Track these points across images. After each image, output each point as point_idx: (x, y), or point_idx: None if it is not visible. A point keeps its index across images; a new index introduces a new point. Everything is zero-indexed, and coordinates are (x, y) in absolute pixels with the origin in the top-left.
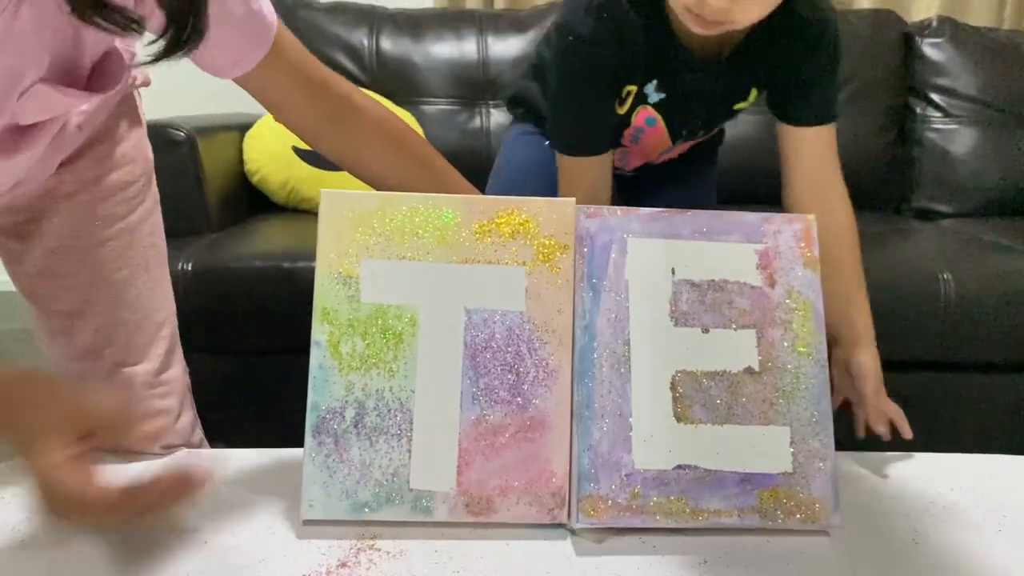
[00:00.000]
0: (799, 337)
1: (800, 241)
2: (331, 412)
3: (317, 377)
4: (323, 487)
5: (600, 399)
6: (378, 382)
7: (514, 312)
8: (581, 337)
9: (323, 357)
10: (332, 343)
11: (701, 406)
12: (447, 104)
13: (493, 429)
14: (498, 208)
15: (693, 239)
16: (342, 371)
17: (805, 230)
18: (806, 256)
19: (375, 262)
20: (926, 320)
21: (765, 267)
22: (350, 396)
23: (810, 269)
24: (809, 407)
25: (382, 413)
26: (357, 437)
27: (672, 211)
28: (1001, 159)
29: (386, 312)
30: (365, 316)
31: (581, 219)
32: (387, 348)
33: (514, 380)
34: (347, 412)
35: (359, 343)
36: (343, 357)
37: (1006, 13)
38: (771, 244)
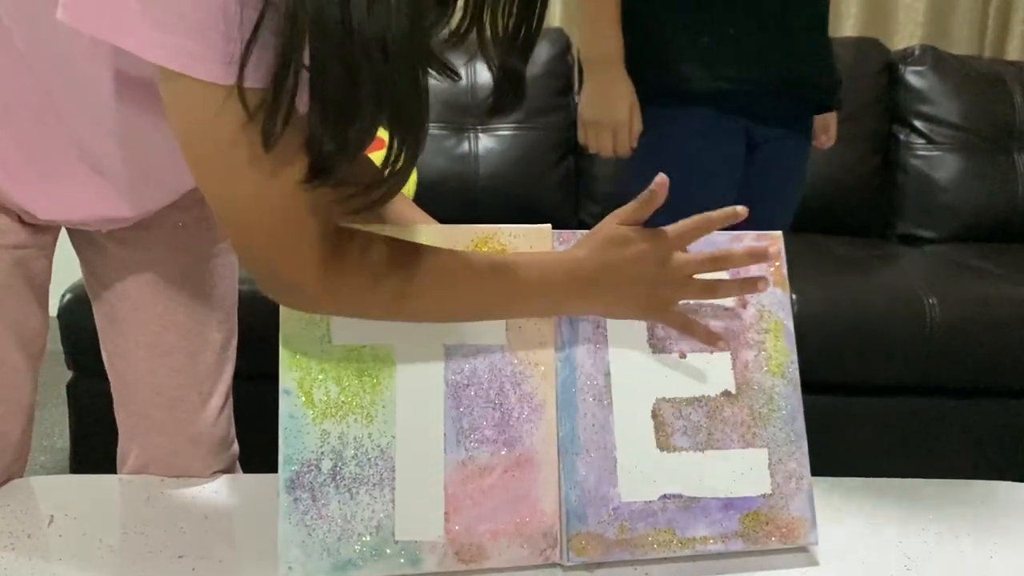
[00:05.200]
0: (772, 357)
1: (769, 259)
2: (306, 465)
3: (288, 428)
4: (302, 547)
5: (584, 433)
6: (355, 429)
7: (495, 346)
8: (563, 369)
9: (294, 406)
10: (304, 390)
11: (682, 433)
12: (436, 129)
13: (480, 471)
14: (473, 237)
15: None
16: (316, 420)
17: (773, 247)
18: (775, 275)
19: None
20: (911, 344)
21: None
22: (326, 446)
23: (779, 287)
24: (785, 427)
25: (361, 462)
26: (336, 490)
27: None
28: (984, 185)
29: (360, 353)
30: (338, 359)
31: (555, 246)
32: (363, 392)
33: (499, 417)
34: (323, 464)
35: (333, 388)
36: (316, 405)
37: (987, 41)
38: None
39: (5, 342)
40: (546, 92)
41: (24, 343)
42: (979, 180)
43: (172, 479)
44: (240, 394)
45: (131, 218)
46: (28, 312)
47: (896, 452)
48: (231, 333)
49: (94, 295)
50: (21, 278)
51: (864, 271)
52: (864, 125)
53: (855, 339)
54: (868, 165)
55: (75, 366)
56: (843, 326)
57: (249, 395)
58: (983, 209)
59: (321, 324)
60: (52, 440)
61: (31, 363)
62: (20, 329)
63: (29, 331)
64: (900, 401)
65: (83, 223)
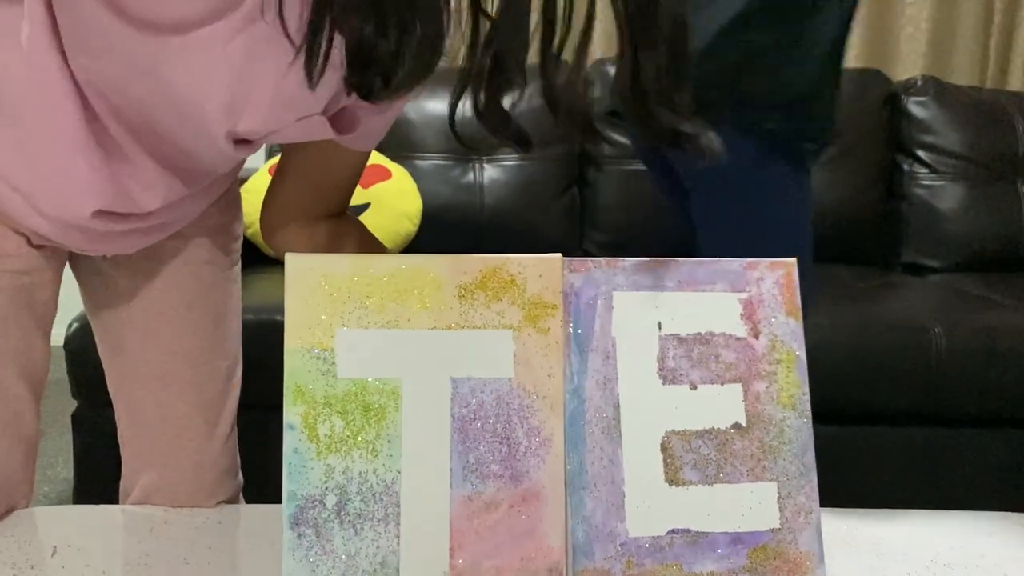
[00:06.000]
0: (783, 389)
1: (782, 288)
2: (310, 500)
3: (293, 463)
4: None
5: (592, 467)
6: (360, 464)
7: (503, 379)
8: (571, 402)
9: (298, 441)
10: (308, 424)
11: (691, 467)
12: (441, 159)
13: (486, 505)
14: (482, 267)
15: (678, 290)
16: (320, 455)
17: (787, 276)
18: (788, 304)
19: (351, 332)
20: (917, 374)
21: (749, 316)
22: (330, 481)
23: (792, 317)
24: (795, 461)
25: (366, 497)
26: (340, 526)
27: (656, 261)
28: (987, 214)
29: (366, 387)
30: (343, 393)
31: (566, 274)
32: (368, 426)
33: (506, 451)
34: (328, 499)
35: (337, 423)
36: (320, 439)
37: (988, 72)
38: (754, 292)
39: (7, 372)
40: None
41: (26, 373)
42: (983, 209)
43: (175, 510)
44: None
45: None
46: (31, 342)
47: (902, 482)
48: (236, 361)
49: (98, 325)
50: (24, 307)
51: (869, 300)
52: (867, 155)
53: (861, 368)
54: (872, 195)
55: (80, 395)
56: (849, 355)
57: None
58: (987, 238)
59: (327, 358)
60: (56, 470)
61: (33, 394)
62: (23, 360)
63: (32, 362)
64: (906, 431)
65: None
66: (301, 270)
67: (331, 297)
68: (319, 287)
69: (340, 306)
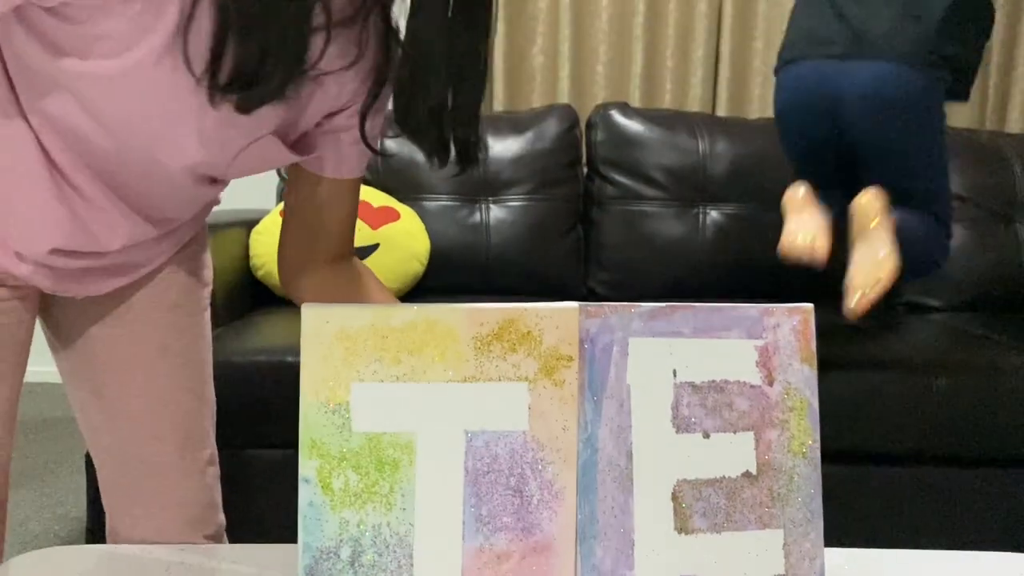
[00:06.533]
0: (795, 437)
1: (799, 335)
2: (325, 552)
3: (308, 516)
4: None
5: (603, 516)
6: (374, 517)
7: (517, 432)
8: (583, 451)
9: (313, 494)
10: (322, 478)
11: (701, 515)
12: (448, 200)
13: (497, 557)
14: (498, 318)
15: (694, 336)
16: (335, 508)
17: (804, 322)
18: (804, 351)
19: (366, 386)
20: (919, 414)
21: (764, 364)
22: (345, 534)
23: (807, 364)
24: (802, 508)
25: (380, 550)
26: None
27: (672, 306)
28: (987, 255)
29: (380, 441)
30: (358, 446)
31: (582, 320)
32: (383, 480)
33: (518, 504)
34: (342, 551)
35: (352, 476)
36: (335, 493)
37: (987, 115)
38: (770, 339)
39: None
40: (556, 165)
41: None
42: (982, 250)
43: (190, 548)
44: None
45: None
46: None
47: (904, 521)
48: (209, 402)
49: (72, 374)
50: None
51: (870, 340)
52: None
53: (862, 408)
54: None
55: None
56: (850, 395)
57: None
58: (987, 279)
59: (342, 412)
60: (67, 509)
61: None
62: None
63: None
64: (907, 471)
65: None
66: (317, 322)
67: (347, 350)
68: (335, 339)
69: (356, 359)
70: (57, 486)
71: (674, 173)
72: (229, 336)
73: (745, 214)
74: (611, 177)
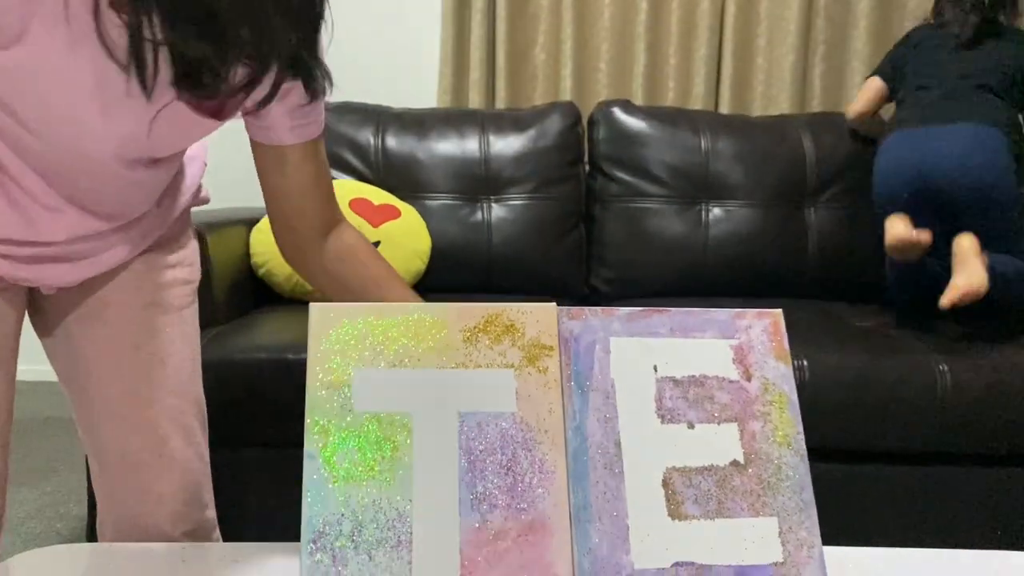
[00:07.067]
0: (778, 428)
1: (771, 335)
2: (327, 526)
3: (311, 491)
4: None
5: (596, 500)
6: (374, 493)
7: (506, 413)
8: (573, 439)
9: (317, 470)
10: (325, 455)
11: (693, 502)
12: (450, 199)
13: (494, 535)
14: (483, 313)
15: (671, 336)
16: (336, 483)
17: (774, 324)
18: (777, 349)
19: (367, 371)
20: (923, 413)
21: (740, 361)
22: (346, 508)
23: (782, 362)
24: (794, 496)
25: (380, 524)
26: (355, 551)
27: (649, 310)
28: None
29: (379, 420)
30: (358, 426)
31: (564, 321)
32: (382, 457)
33: (512, 482)
34: (344, 526)
35: (353, 453)
36: (337, 468)
37: None
38: (744, 339)
39: None
40: (558, 163)
41: None
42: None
43: (193, 546)
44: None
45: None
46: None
47: (908, 520)
48: (193, 399)
49: (61, 373)
50: None
51: (874, 338)
52: (867, 196)
53: (866, 406)
54: (874, 233)
55: None
56: (854, 393)
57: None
58: None
59: (344, 393)
60: (68, 507)
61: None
62: None
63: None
64: (912, 469)
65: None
66: (324, 318)
67: (349, 340)
68: (339, 333)
69: (357, 348)
70: (59, 485)
71: (677, 171)
72: (230, 334)
73: (748, 211)
74: (613, 175)
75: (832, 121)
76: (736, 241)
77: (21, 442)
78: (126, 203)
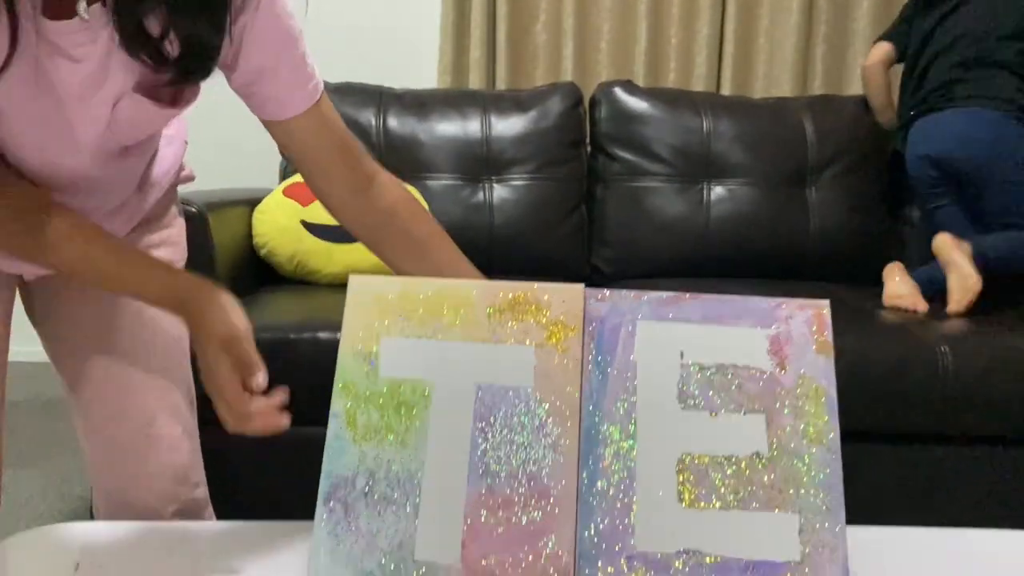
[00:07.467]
0: (810, 423)
1: (812, 326)
2: (343, 480)
3: (332, 446)
4: (330, 555)
5: (605, 480)
6: (389, 453)
7: (523, 388)
8: (588, 417)
9: (339, 427)
10: (349, 414)
11: (706, 490)
12: (451, 179)
13: (499, 503)
14: (510, 292)
15: (704, 323)
16: (356, 441)
17: (818, 315)
18: (819, 341)
19: (394, 340)
20: (925, 393)
21: (776, 352)
22: (362, 465)
23: (823, 355)
24: (820, 494)
25: (391, 483)
26: (366, 506)
27: (682, 295)
28: None
29: (401, 386)
30: (381, 390)
31: (591, 302)
32: (400, 420)
33: (522, 455)
34: (358, 481)
35: (374, 415)
36: (358, 428)
37: None
38: (783, 329)
39: None
40: (559, 144)
41: None
42: None
43: (195, 526)
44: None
45: None
46: None
47: (910, 500)
48: (181, 379)
49: (51, 355)
50: None
51: (874, 321)
52: (868, 177)
53: (868, 387)
54: (874, 216)
55: None
56: (855, 375)
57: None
58: None
59: (371, 360)
60: (70, 487)
61: None
62: None
63: None
64: (914, 448)
65: None
66: (360, 289)
67: (380, 311)
68: (372, 303)
69: (387, 318)
70: (61, 465)
71: (678, 151)
72: None
73: (749, 192)
74: (615, 155)
75: (834, 103)
76: (737, 221)
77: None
78: (106, 193)
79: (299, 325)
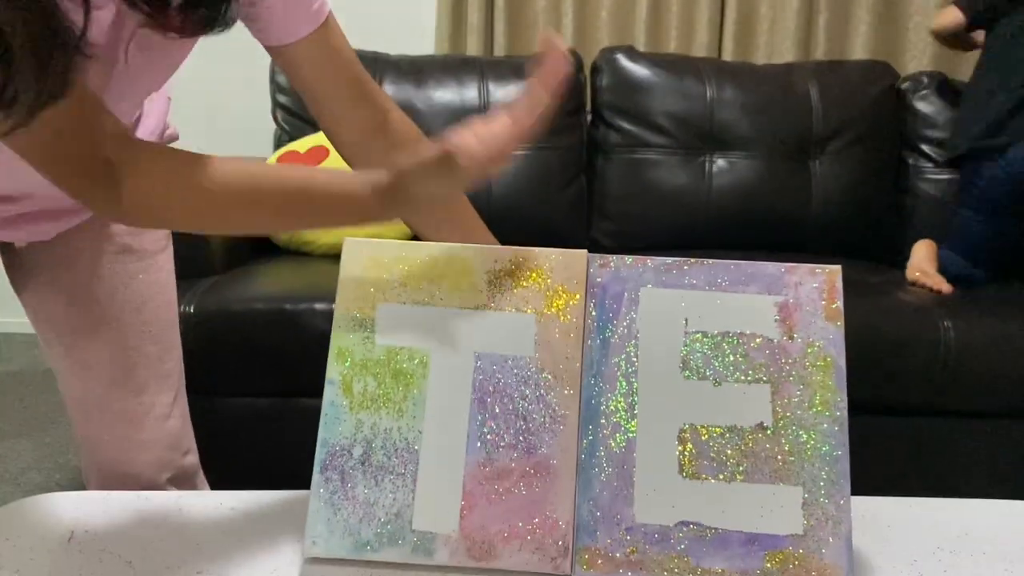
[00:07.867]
0: (817, 394)
1: (823, 293)
2: (340, 449)
3: (328, 414)
4: (327, 524)
5: (605, 450)
6: (387, 421)
7: (523, 357)
8: (589, 387)
9: (335, 395)
10: (345, 382)
11: (708, 461)
12: None
13: (498, 473)
14: (510, 257)
15: (709, 290)
16: (352, 409)
17: (829, 281)
18: (829, 309)
19: (391, 306)
20: (927, 367)
21: (785, 320)
22: (359, 434)
23: (833, 323)
24: (825, 467)
25: (388, 452)
26: (363, 475)
27: (687, 260)
28: None
29: (398, 354)
30: (378, 357)
31: (593, 268)
32: (397, 389)
33: (521, 425)
34: (355, 450)
35: (371, 383)
36: (354, 396)
37: None
38: (791, 296)
39: None
40: (558, 113)
41: None
42: None
43: (190, 495)
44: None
45: None
46: None
47: (910, 473)
48: (171, 345)
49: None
50: None
51: (878, 294)
52: (873, 149)
53: (871, 361)
54: (879, 189)
55: None
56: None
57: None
58: None
59: (368, 326)
60: (67, 457)
61: None
62: None
63: None
64: (916, 422)
65: None
66: (355, 252)
67: (377, 275)
68: (368, 267)
69: (384, 283)
70: (57, 436)
71: (680, 120)
72: (227, 284)
73: (752, 162)
74: (616, 124)
75: (839, 70)
76: (740, 193)
77: (20, 394)
78: None
79: (293, 296)
